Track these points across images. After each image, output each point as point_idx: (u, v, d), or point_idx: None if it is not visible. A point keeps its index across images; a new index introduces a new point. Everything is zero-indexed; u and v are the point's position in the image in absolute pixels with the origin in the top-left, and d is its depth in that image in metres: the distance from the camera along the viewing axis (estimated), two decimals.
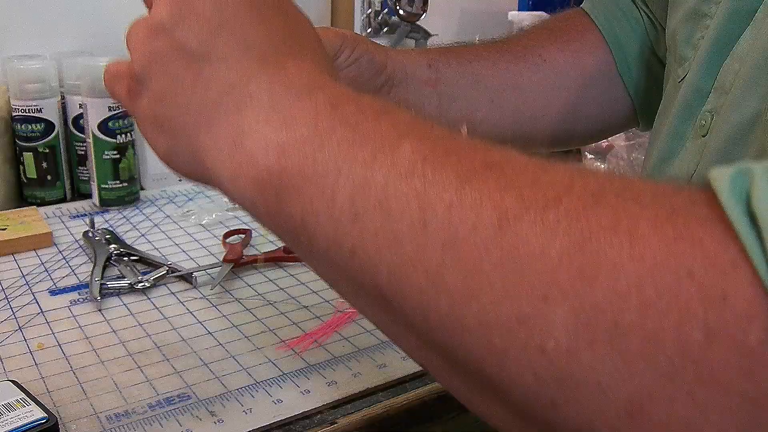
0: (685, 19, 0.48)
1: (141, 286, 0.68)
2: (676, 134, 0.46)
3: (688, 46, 0.47)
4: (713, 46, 0.43)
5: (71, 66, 0.92)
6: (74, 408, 0.51)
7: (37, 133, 0.89)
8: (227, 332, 0.61)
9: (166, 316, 0.64)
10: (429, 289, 0.26)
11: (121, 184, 0.90)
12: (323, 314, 0.64)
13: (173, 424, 0.49)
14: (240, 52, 0.34)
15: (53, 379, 0.54)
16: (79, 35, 1.04)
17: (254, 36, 0.35)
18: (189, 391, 0.53)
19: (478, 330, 0.25)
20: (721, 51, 0.42)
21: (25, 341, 0.60)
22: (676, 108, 0.46)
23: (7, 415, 0.47)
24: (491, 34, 0.66)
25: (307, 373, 0.56)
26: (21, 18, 1.01)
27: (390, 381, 0.55)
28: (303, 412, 0.51)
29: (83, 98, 0.88)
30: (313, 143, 0.30)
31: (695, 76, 0.45)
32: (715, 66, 0.43)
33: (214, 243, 0.80)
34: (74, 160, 0.95)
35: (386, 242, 0.27)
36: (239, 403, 0.52)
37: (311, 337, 0.60)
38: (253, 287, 0.70)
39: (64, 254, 0.77)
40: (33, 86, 0.88)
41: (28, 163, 0.90)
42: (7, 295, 0.67)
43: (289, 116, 0.32)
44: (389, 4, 1.14)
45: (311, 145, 0.30)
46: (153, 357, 0.58)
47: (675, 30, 0.50)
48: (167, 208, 0.91)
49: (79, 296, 0.68)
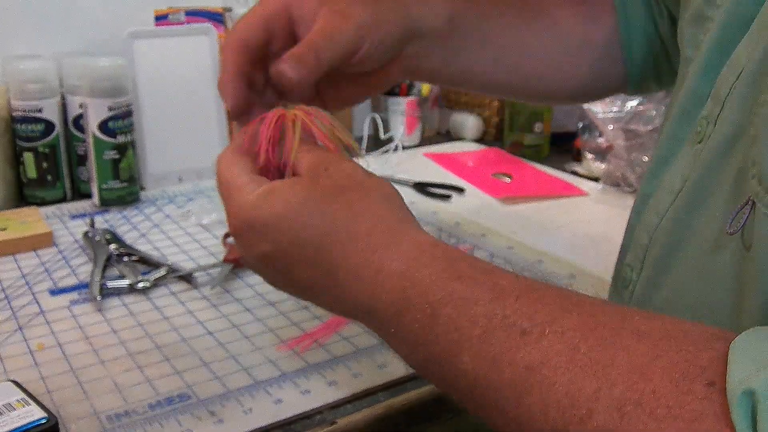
0: (691, 20, 0.47)
1: (141, 286, 0.68)
2: (675, 137, 0.46)
3: (691, 47, 0.47)
4: (712, 51, 0.43)
5: (71, 66, 0.92)
6: (74, 408, 0.51)
7: (37, 133, 0.89)
8: (227, 332, 0.62)
9: (166, 316, 0.64)
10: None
11: (121, 184, 0.90)
12: (323, 314, 0.64)
13: (173, 424, 0.49)
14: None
15: (53, 379, 0.55)
16: (79, 35, 1.04)
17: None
18: (189, 391, 0.53)
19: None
20: (719, 57, 0.42)
21: (25, 341, 0.60)
22: (676, 110, 0.46)
23: (8, 415, 0.47)
24: None
25: (307, 373, 0.56)
26: (21, 18, 1.01)
27: (390, 381, 0.55)
28: (303, 412, 0.51)
29: (83, 98, 0.88)
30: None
31: (694, 80, 0.44)
32: (713, 72, 0.42)
33: (214, 243, 0.80)
34: (74, 160, 0.95)
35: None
36: (239, 403, 0.52)
37: (311, 337, 0.60)
38: (253, 287, 0.70)
39: (64, 254, 0.77)
40: (33, 86, 0.89)
41: (28, 163, 0.90)
42: (7, 295, 0.67)
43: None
44: None
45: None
46: (153, 357, 0.58)
47: (682, 30, 0.49)
48: (167, 208, 0.91)
49: (79, 296, 0.68)
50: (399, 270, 0.37)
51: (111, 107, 0.87)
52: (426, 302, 0.36)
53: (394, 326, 0.37)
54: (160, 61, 0.99)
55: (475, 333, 0.33)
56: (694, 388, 0.27)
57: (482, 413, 0.34)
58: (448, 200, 0.97)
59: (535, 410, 0.30)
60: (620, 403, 0.27)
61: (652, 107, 0.99)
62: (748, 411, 0.24)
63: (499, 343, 0.32)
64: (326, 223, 0.40)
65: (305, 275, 0.41)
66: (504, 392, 0.32)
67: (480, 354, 0.33)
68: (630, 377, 0.28)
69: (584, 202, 0.97)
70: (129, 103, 0.89)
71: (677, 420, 0.26)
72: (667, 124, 0.48)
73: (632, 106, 0.99)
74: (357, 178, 0.42)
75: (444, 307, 0.35)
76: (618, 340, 0.30)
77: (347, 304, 0.40)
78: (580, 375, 0.29)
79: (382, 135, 1.19)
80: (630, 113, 0.99)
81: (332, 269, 0.40)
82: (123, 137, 0.89)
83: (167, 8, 1.06)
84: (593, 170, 1.07)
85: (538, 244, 0.81)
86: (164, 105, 0.99)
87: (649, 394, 0.27)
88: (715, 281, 0.37)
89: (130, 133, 0.90)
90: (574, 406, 0.29)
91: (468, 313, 0.34)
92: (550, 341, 0.31)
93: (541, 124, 1.18)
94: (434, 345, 0.35)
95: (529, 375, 0.31)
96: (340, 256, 0.39)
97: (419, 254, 0.38)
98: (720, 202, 0.38)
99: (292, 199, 0.41)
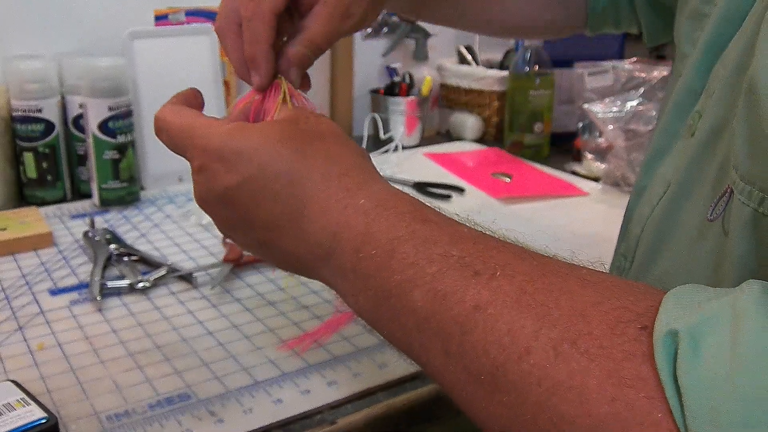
0: (688, 16, 0.48)
1: (141, 286, 0.68)
2: (669, 131, 0.47)
3: (688, 44, 0.48)
4: (707, 47, 0.44)
5: (71, 66, 0.92)
6: (74, 408, 0.51)
7: (37, 133, 0.89)
8: (227, 332, 0.62)
9: (166, 316, 0.64)
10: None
11: (121, 184, 0.90)
12: (323, 314, 0.64)
13: (173, 424, 0.49)
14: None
15: (53, 379, 0.55)
16: (79, 35, 1.04)
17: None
18: (189, 391, 0.53)
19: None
20: (714, 53, 0.43)
21: (25, 341, 0.60)
22: (670, 105, 0.47)
23: (8, 415, 0.47)
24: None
25: (307, 373, 0.56)
26: (21, 18, 1.01)
27: (390, 381, 0.55)
28: (303, 412, 0.51)
29: (83, 98, 0.88)
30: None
31: (689, 75, 0.46)
32: (707, 67, 0.44)
33: (214, 243, 0.80)
34: (74, 160, 0.95)
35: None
36: (239, 403, 0.52)
37: (311, 337, 0.60)
38: (253, 287, 0.70)
39: (64, 254, 0.77)
40: (33, 86, 0.89)
41: (28, 163, 0.90)
42: (7, 295, 0.67)
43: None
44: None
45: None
46: (153, 357, 0.58)
47: (680, 25, 0.50)
48: (167, 208, 0.91)
49: (79, 296, 0.68)
50: (366, 208, 0.38)
51: (111, 107, 0.87)
52: (387, 238, 0.36)
53: (352, 262, 0.38)
54: (160, 61, 0.99)
55: (430, 271, 0.34)
56: (628, 331, 0.28)
57: (424, 355, 0.35)
58: (448, 200, 0.97)
59: (478, 347, 0.31)
60: (557, 342, 0.29)
61: (652, 107, 0.99)
62: (671, 351, 0.26)
63: (452, 282, 0.33)
64: (300, 159, 0.40)
65: (267, 211, 0.40)
66: (450, 329, 0.33)
67: (432, 290, 0.34)
68: (570, 319, 0.30)
69: (584, 202, 0.97)
70: (129, 103, 0.89)
71: (608, 359, 0.28)
72: (662, 119, 0.49)
73: (632, 105, 0.99)
74: (336, 130, 0.43)
75: (404, 244, 0.36)
76: (564, 285, 0.31)
77: (307, 244, 0.40)
78: (523, 315, 0.31)
79: (382, 135, 1.19)
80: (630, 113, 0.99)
81: (299, 205, 0.40)
82: (123, 137, 0.89)
83: (167, 8, 1.06)
84: (593, 170, 1.07)
85: (537, 244, 0.80)
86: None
87: (586, 335, 0.29)
88: (698, 268, 0.38)
89: (130, 133, 0.90)
90: (514, 343, 0.30)
91: (426, 252, 0.35)
92: (500, 283, 0.32)
93: (541, 124, 1.18)
94: (389, 281, 0.35)
95: (476, 313, 0.32)
96: (310, 191, 0.39)
97: (388, 196, 0.39)
98: (705, 192, 0.39)
99: (270, 134, 0.41)
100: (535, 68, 1.16)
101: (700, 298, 0.28)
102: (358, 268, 0.37)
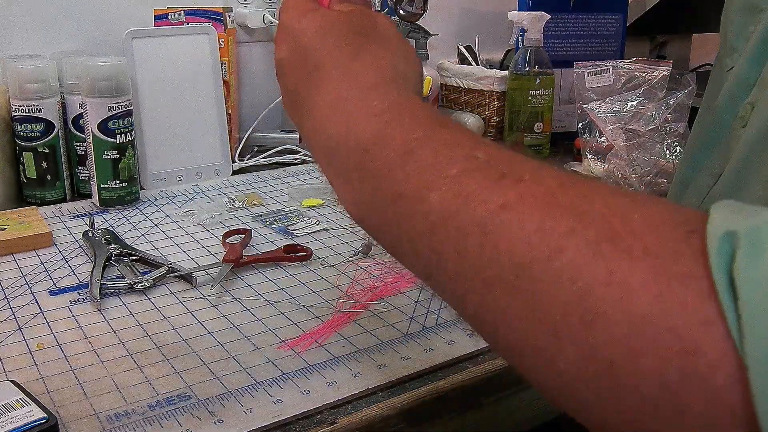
0: (740, 9, 0.48)
1: (141, 286, 0.68)
2: (719, 123, 0.47)
3: (740, 37, 0.48)
4: (763, 40, 0.44)
5: (71, 66, 0.92)
6: (74, 408, 0.51)
7: (37, 133, 0.89)
8: (227, 332, 0.61)
9: (166, 316, 0.64)
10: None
11: (121, 184, 0.90)
12: (323, 314, 0.64)
13: (173, 424, 0.49)
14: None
15: (53, 379, 0.54)
16: (79, 35, 1.04)
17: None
18: (189, 391, 0.53)
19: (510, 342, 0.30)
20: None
21: (25, 341, 0.60)
22: (721, 98, 0.47)
23: (7, 415, 0.47)
24: (491, 34, 0.67)
25: (307, 373, 0.56)
26: (21, 18, 1.01)
27: (390, 381, 0.55)
28: (303, 412, 0.51)
29: (83, 98, 0.88)
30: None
31: (742, 67, 0.46)
32: (762, 59, 0.43)
33: (214, 243, 0.80)
34: (74, 160, 0.95)
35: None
36: (239, 403, 0.52)
37: (311, 337, 0.60)
38: (253, 287, 0.70)
39: (64, 254, 0.77)
40: (33, 86, 0.88)
41: (28, 163, 0.90)
42: (7, 295, 0.67)
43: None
44: (389, 4, 1.14)
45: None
46: (153, 357, 0.58)
47: (729, 19, 0.50)
48: (167, 208, 0.91)
49: (79, 296, 0.68)
50: (386, 106, 0.37)
51: (111, 107, 0.87)
52: (405, 138, 0.35)
53: (364, 158, 0.36)
54: (160, 61, 0.99)
55: (451, 172, 0.32)
56: (676, 233, 0.26)
57: (434, 262, 0.32)
58: None
59: (501, 247, 0.29)
60: (595, 241, 0.26)
61: (652, 107, 0.98)
62: (728, 251, 0.24)
63: (476, 182, 0.31)
64: (344, 45, 0.41)
65: (294, 83, 0.43)
66: (469, 229, 0.30)
67: (452, 191, 0.31)
68: (608, 219, 0.27)
69: None
70: (129, 103, 0.89)
71: (653, 257, 0.25)
72: (708, 112, 0.49)
73: (632, 105, 0.99)
74: (389, 33, 0.44)
75: (422, 147, 0.34)
76: (599, 190, 0.29)
77: (318, 134, 0.41)
78: (555, 214, 0.28)
79: None
80: (630, 113, 0.99)
81: (321, 84, 0.41)
82: (123, 137, 0.89)
83: (167, 8, 1.06)
84: (593, 170, 1.06)
85: None
86: (164, 105, 0.99)
87: (628, 233, 0.26)
88: None
89: (130, 133, 0.90)
90: (543, 242, 0.27)
91: (448, 154, 0.33)
92: (528, 186, 0.30)
93: (541, 124, 1.18)
94: (403, 183, 0.34)
95: (502, 212, 0.29)
96: (336, 79, 0.40)
97: (409, 102, 0.38)
98: (759, 183, 0.39)
99: (323, 18, 0.43)
100: (535, 68, 1.16)
101: (755, 208, 0.26)
102: (369, 166, 0.36)
